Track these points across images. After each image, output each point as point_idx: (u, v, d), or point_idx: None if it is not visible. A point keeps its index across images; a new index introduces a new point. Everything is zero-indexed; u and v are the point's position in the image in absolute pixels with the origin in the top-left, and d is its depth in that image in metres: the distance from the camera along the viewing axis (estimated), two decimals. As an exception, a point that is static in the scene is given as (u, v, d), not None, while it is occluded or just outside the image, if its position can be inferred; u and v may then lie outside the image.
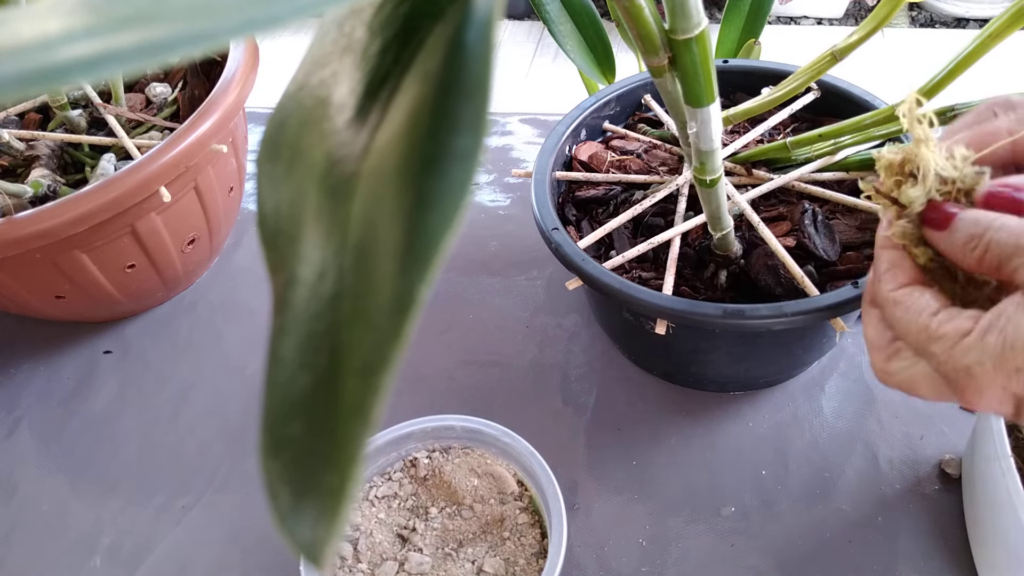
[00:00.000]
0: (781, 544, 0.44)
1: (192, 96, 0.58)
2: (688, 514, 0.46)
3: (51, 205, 0.44)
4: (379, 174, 0.12)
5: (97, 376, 0.56)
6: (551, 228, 0.45)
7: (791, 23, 2.25)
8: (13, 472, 0.51)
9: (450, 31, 0.12)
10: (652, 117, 0.57)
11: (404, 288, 0.11)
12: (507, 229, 0.64)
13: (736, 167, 0.50)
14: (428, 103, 0.12)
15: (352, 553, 0.43)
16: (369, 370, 0.11)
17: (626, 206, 0.49)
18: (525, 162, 0.70)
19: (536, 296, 0.59)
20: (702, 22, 0.30)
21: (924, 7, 2.23)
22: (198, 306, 0.60)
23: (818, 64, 0.45)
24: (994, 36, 0.38)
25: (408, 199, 0.11)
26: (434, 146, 0.11)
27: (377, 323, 0.11)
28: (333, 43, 0.16)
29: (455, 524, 0.44)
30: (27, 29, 0.10)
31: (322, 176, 0.14)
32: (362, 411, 0.11)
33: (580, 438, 0.50)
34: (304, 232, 0.14)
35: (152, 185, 0.47)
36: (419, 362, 0.55)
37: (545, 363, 0.54)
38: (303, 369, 0.12)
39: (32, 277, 0.49)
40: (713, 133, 0.35)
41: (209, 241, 0.58)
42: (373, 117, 0.14)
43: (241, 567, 0.46)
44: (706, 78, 0.32)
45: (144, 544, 0.47)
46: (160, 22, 0.10)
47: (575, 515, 0.46)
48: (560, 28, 0.60)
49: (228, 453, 0.51)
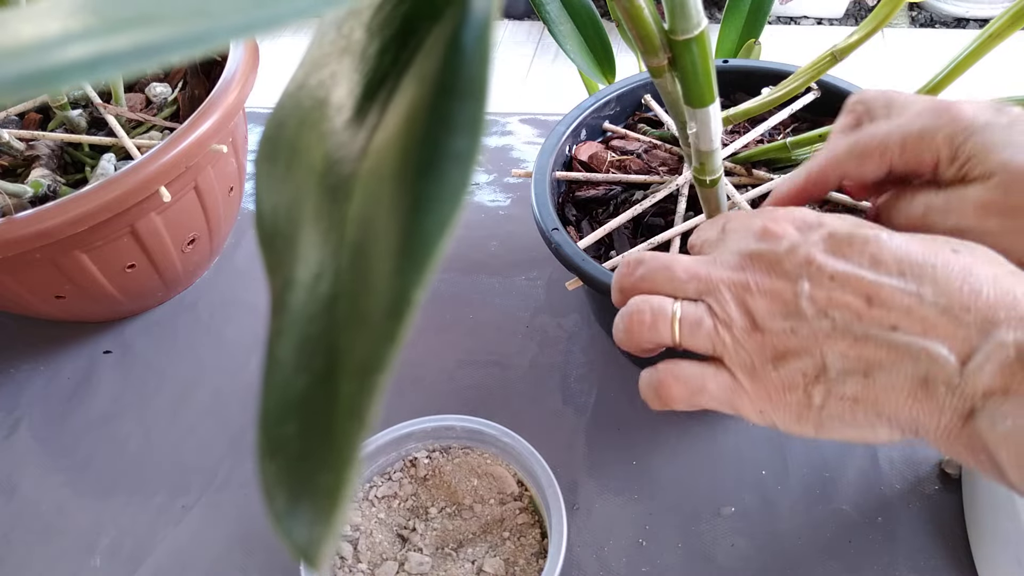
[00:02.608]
0: (781, 544, 0.44)
1: (192, 96, 0.58)
2: (688, 514, 0.46)
3: (51, 205, 0.44)
4: (377, 175, 0.12)
5: (97, 376, 0.56)
6: (551, 228, 0.45)
7: (791, 23, 2.25)
8: (13, 472, 0.51)
9: (448, 32, 0.12)
10: (652, 117, 0.56)
11: (400, 290, 0.11)
12: (507, 229, 0.64)
13: (736, 167, 0.50)
14: (425, 104, 0.12)
15: (352, 553, 0.43)
16: (365, 372, 0.11)
17: (626, 206, 0.49)
18: (525, 162, 0.70)
19: (536, 296, 0.59)
20: (702, 22, 0.30)
21: (924, 7, 2.23)
22: (198, 306, 0.60)
23: (818, 64, 0.45)
24: (994, 36, 0.38)
25: (405, 201, 0.11)
26: (431, 148, 0.11)
27: (373, 325, 0.11)
28: (332, 44, 0.16)
29: (455, 524, 0.44)
30: (27, 30, 0.10)
31: (320, 177, 0.14)
32: (358, 413, 0.11)
33: (580, 438, 0.50)
34: (302, 233, 0.14)
35: (152, 185, 0.47)
36: (419, 362, 0.55)
37: (545, 363, 0.54)
38: (300, 371, 0.12)
39: (32, 277, 0.49)
40: (713, 133, 0.35)
41: (209, 241, 0.58)
42: (371, 118, 0.14)
43: (241, 567, 0.46)
44: (706, 78, 0.32)
45: (144, 544, 0.47)
46: (159, 23, 0.10)
47: (575, 515, 0.46)
48: (560, 28, 0.60)
49: (228, 453, 0.51)
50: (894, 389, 0.26)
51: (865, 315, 0.26)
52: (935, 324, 0.25)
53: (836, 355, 0.27)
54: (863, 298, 0.26)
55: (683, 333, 0.30)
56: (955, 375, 0.25)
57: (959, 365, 0.25)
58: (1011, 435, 0.24)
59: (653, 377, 0.30)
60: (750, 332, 0.28)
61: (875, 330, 0.26)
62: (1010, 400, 0.24)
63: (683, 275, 0.30)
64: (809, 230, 0.28)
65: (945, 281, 0.25)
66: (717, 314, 0.29)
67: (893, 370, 0.26)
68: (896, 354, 0.26)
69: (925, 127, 0.31)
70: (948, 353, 0.25)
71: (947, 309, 0.25)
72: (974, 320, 0.25)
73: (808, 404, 0.28)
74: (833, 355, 0.27)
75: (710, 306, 0.29)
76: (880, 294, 0.26)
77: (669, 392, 0.30)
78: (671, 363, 0.30)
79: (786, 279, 0.28)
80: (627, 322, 0.31)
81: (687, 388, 0.29)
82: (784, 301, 0.27)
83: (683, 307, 0.30)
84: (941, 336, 0.25)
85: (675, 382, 0.29)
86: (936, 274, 0.26)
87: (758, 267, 0.28)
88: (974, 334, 0.25)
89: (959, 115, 0.31)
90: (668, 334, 0.30)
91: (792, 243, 0.28)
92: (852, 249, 0.27)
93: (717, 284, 0.29)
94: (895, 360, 0.26)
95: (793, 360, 0.27)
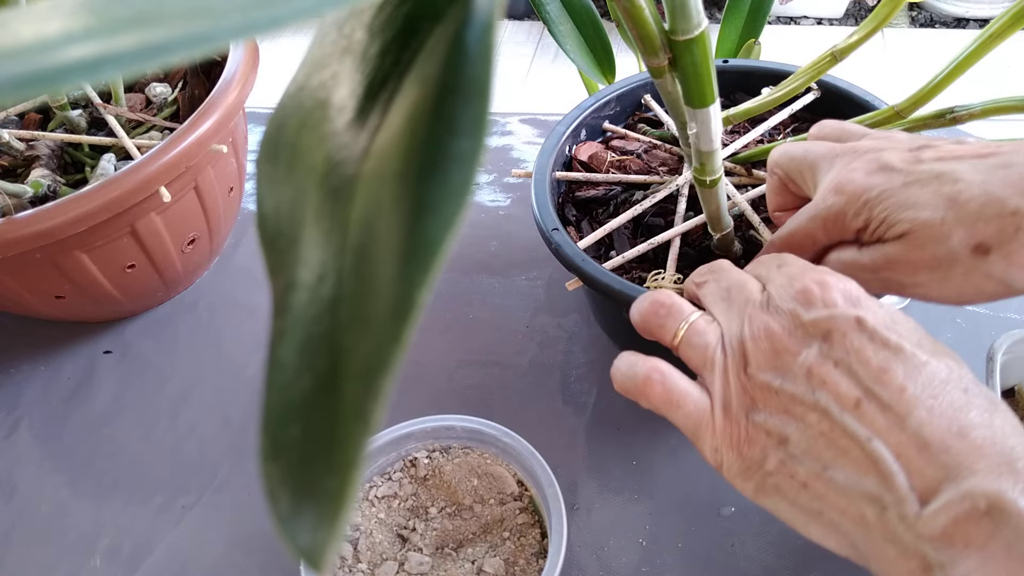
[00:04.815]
0: (781, 544, 0.44)
1: (192, 96, 0.58)
2: (688, 514, 0.45)
3: (51, 205, 0.44)
4: (379, 177, 0.12)
5: (97, 376, 0.56)
6: (551, 228, 0.45)
7: (791, 23, 2.25)
8: (13, 472, 0.51)
9: (450, 33, 0.12)
10: (652, 117, 0.56)
11: (404, 292, 0.11)
12: (507, 229, 0.64)
13: (736, 167, 0.50)
14: (428, 105, 0.12)
15: (352, 553, 0.43)
16: (369, 374, 0.11)
17: (626, 206, 0.49)
18: (525, 162, 0.70)
19: (536, 296, 0.59)
20: (702, 23, 0.30)
21: (924, 7, 2.23)
22: (198, 306, 0.60)
23: (818, 64, 0.45)
24: (994, 37, 0.38)
25: (408, 202, 0.11)
26: (434, 149, 0.11)
27: (377, 327, 0.11)
28: (333, 45, 0.16)
29: (455, 524, 0.44)
30: (26, 31, 0.10)
31: (322, 178, 0.14)
32: (362, 415, 0.11)
33: (580, 438, 0.50)
34: (304, 234, 0.14)
35: (152, 185, 0.47)
36: (419, 362, 0.55)
37: (545, 363, 0.54)
38: (303, 372, 0.12)
39: (32, 277, 0.49)
40: (713, 134, 0.35)
41: (209, 241, 0.58)
42: (373, 119, 0.14)
43: (241, 567, 0.45)
44: (706, 79, 0.32)
45: (144, 544, 0.47)
46: (159, 24, 0.10)
47: (575, 515, 0.46)
48: (560, 28, 0.60)
49: (228, 453, 0.51)
50: (846, 496, 0.26)
51: (850, 410, 0.26)
52: (908, 452, 0.25)
53: (805, 432, 0.26)
54: (855, 394, 0.26)
55: (684, 338, 0.30)
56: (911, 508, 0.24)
57: (918, 501, 0.24)
58: None
59: (643, 365, 0.30)
60: (740, 371, 0.28)
61: (853, 427, 0.25)
62: (973, 555, 0.23)
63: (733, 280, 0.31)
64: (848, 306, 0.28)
65: (940, 415, 0.25)
66: (724, 339, 0.29)
67: (853, 475, 0.25)
68: (863, 461, 0.25)
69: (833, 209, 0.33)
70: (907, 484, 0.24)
71: (927, 443, 0.24)
72: (951, 462, 0.24)
73: (760, 465, 0.27)
74: (802, 431, 0.26)
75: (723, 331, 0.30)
76: (872, 399, 0.26)
77: (650, 390, 0.30)
78: (665, 365, 0.30)
79: (797, 341, 0.28)
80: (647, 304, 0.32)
81: (667, 397, 0.30)
82: (784, 359, 0.27)
83: (698, 318, 0.30)
84: (909, 465, 0.24)
85: (660, 384, 0.30)
86: (934, 404, 0.25)
87: (783, 319, 0.28)
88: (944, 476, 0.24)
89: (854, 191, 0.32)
90: (671, 334, 0.30)
91: (826, 315, 0.28)
92: (871, 344, 0.26)
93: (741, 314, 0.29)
94: (859, 467, 0.25)
95: (765, 415, 0.27)
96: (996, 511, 0.23)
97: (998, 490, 0.23)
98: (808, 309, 0.28)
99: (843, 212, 0.33)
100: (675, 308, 0.31)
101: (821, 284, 0.29)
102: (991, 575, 0.22)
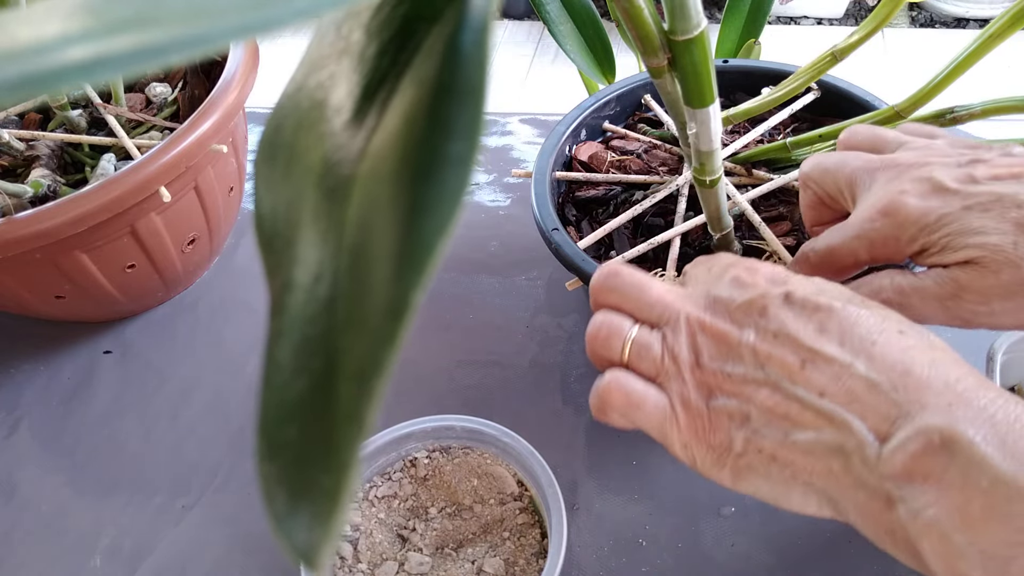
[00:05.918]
0: (781, 544, 0.44)
1: (192, 96, 0.58)
2: (688, 514, 0.46)
3: (51, 205, 0.44)
4: (375, 178, 0.12)
5: (97, 376, 0.56)
6: (551, 228, 0.45)
7: (791, 23, 2.25)
8: (13, 472, 0.51)
9: (446, 34, 0.12)
10: (652, 117, 0.56)
11: (398, 293, 0.11)
12: (507, 229, 0.64)
13: (736, 167, 0.50)
14: (423, 107, 0.12)
15: (352, 553, 0.43)
16: (363, 375, 0.11)
17: (626, 206, 0.49)
18: (525, 162, 0.70)
19: (536, 296, 0.59)
20: (701, 23, 0.30)
21: (924, 7, 2.22)
22: (198, 306, 0.60)
23: (818, 64, 0.45)
24: (994, 37, 0.38)
25: (403, 203, 0.11)
26: (429, 151, 0.11)
27: (371, 327, 0.11)
28: (331, 45, 0.16)
29: (455, 524, 0.44)
30: (25, 32, 0.10)
31: (319, 179, 0.14)
32: (356, 416, 0.11)
33: (580, 438, 0.50)
34: (301, 235, 0.14)
35: (152, 185, 0.47)
36: (419, 362, 0.55)
37: (545, 363, 0.54)
38: (299, 373, 0.12)
39: (32, 277, 0.49)
40: (713, 134, 0.35)
41: (209, 241, 0.58)
42: (370, 120, 0.14)
43: (241, 567, 0.46)
44: (706, 79, 0.32)
45: (144, 544, 0.47)
46: (158, 25, 0.10)
47: (575, 515, 0.46)
48: (560, 28, 0.60)
49: (228, 453, 0.51)
50: (811, 454, 0.26)
51: (797, 376, 0.27)
52: (859, 397, 0.25)
53: (761, 407, 0.27)
54: (799, 359, 0.27)
55: (632, 354, 0.31)
56: (871, 451, 0.25)
57: (877, 442, 0.25)
58: (934, 525, 0.23)
59: (600, 383, 0.31)
60: (692, 368, 0.29)
61: (803, 392, 0.26)
62: (931, 488, 0.23)
63: (652, 299, 0.31)
64: (775, 285, 0.29)
65: (881, 357, 0.26)
66: (668, 344, 0.30)
67: (812, 434, 0.26)
68: (818, 419, 0.26)
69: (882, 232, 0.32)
70: (864, 428, 0.25)
71: (875, 385, 0.25)
72: (901, 400, 0.25)
73: (728, 448, 0.28)
74: (758, 406, 0.27)
75: (665, 336, 0.30)
76: (815, 359, 0.26)
77: (610, 397, 0.30)
78: (621, 372, 0.31)
79: (737, 325, 0.29)
80: (588, 334, 0.32)
81: (627, 400, 0.30)
82: (728, 345, 0.28)
83: (639, 331, 0.31)
84: (863, 410, 0.25)
85: (618, 390, 0.30)
86: (874, 350, 0.26)
87: (719, 310, 0.29)
88: (897, 414, 0.25)
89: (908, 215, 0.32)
90: (618, 352, 0.31)
91: (755, 294, 0.29)
92: (803, 312, 0.28)
93: (679, 316, 0.30)
94: (816, 425, 0.26)
95: (722, 399, 0.28)
96: (949, 443, 0.23)
97: (949, 422, 0.24)
98: (743, 293, 0.29)
99: (895, 237, 0.32)
100: (613, 327, 0.31)
101: (749, 270, 0.30)
102: (949, 504, 0.23)
